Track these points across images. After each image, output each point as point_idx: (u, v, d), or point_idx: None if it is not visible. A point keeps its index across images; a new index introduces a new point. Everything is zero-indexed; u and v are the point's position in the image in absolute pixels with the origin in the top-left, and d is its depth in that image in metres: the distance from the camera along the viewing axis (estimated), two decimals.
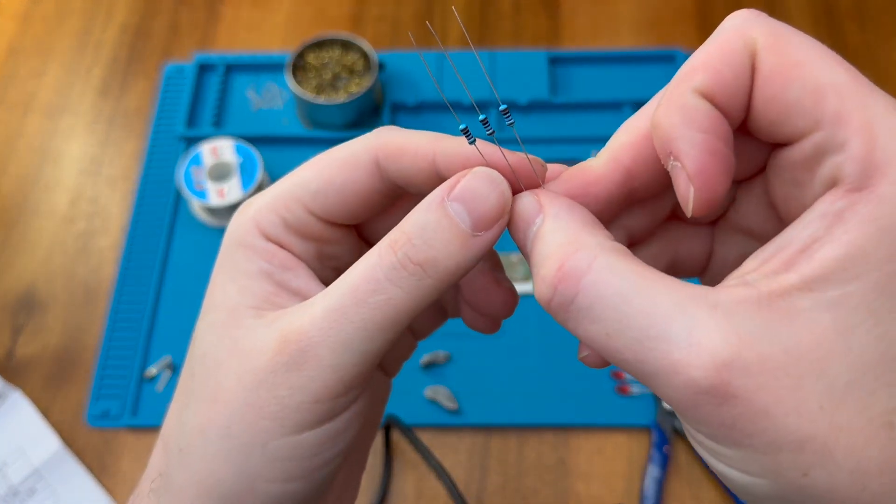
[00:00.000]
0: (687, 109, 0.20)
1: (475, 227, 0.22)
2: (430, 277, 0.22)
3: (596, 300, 0.19)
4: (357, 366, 0.22)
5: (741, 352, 0.17)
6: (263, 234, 0.25)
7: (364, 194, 0.25)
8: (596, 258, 0.20)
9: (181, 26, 0.81)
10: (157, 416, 0.60)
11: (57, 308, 0.66)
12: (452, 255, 0.22)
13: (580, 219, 0.22)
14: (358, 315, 0.22)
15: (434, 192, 0.22)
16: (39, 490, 0.58)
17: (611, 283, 0.19)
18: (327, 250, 0.27)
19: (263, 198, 0.26)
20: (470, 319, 0.28)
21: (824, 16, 0.80)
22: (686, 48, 0.77)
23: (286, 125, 0.74)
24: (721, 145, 0.20)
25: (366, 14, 0.81)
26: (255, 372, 0.22)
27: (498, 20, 0.81)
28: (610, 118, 0.73)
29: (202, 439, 0.23)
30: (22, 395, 0.61)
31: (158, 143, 0.73)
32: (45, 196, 0.71)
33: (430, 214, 0.22)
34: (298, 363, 0.22)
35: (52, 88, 0.78)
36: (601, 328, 0.19)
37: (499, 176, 0.23)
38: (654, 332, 0.18)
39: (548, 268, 0.20)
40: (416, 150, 0.24)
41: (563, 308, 0.20)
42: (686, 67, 0.21)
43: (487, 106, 0.74)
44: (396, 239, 0.22)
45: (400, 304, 0.22)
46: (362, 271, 0.22)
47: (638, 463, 0.58)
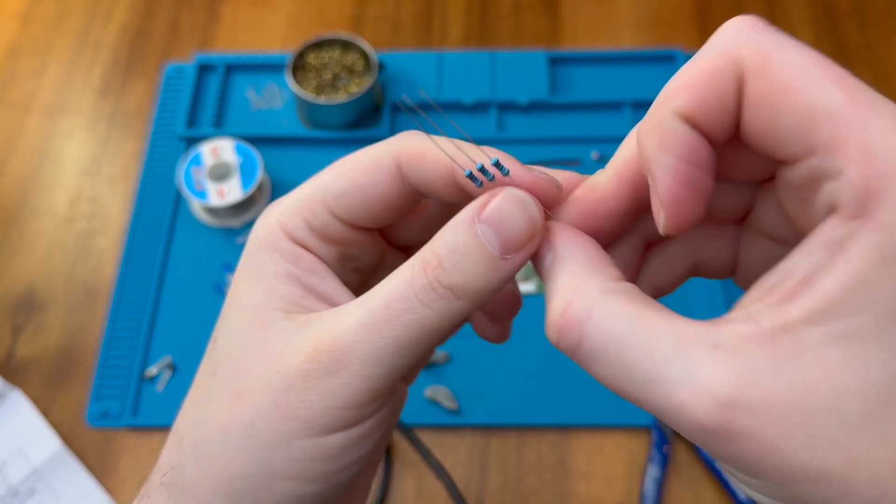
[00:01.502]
0: (664, 133, 0.20)
1: (503, 250, 0.22)
2: (459, 300, 0.22)
3: (598, 346, 0.19)
4: (386, 377, 0.23)
5: (744, 390, 0.17)
6: (289, 236, 0.26)
7: (387, 198, 0.26)
8: (595, 304, 0.20)
9: (181, 26, 0.81)
10: (157, 416, 0.60)
11: (57, 308, 0.66)
12: (481, 278, 0.22)
13: (585, 258, 0.22)
14: (390, 332, 0.22)
15: (464, 211, 0.23)
16: (39, 490, 0.58)
17: (611, 329, 0.19)
18: (349, 252, 0.27)
19: (287, 201, 0.26)
20: (480, 328, 0.29)
21: (824, 16, 0.80)
22: (686, 48, 0.77)
23: (286, 125, 0.74)
24: (696, 172, 0.20)
25: (366, 14, 0.81)
26: (284, 374, 0.23)
27: (498, 20, 0.81)
28: (610, 118, 0.73)
29: (222, 435, 0.24)
30: (22, 395, 0.61)
31: (158, 143, 0.73)
32: (44, 196, 0.71)
33: (460, 236, 0.22)
34: (330, 371, 0.23)
35: (51, 88, 0.78)
36: (607, 371, 0.19)
37: (528, 199, 0.23)
38: (657, 375, 0.18)
39: (552, 312, 0.21)
40: (436, 156, 0.25)
41: (569, 351, 0.20)
42: (670, 86, 0.21)
43: (487, 106, 0.74)
44: (428, 261, 0.23)
45: (430, 324, 0.23)
46: (395, 288, 0.23)
47: (638, 463, 0.58)
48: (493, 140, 0.72)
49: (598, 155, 0.71)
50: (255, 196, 0.68)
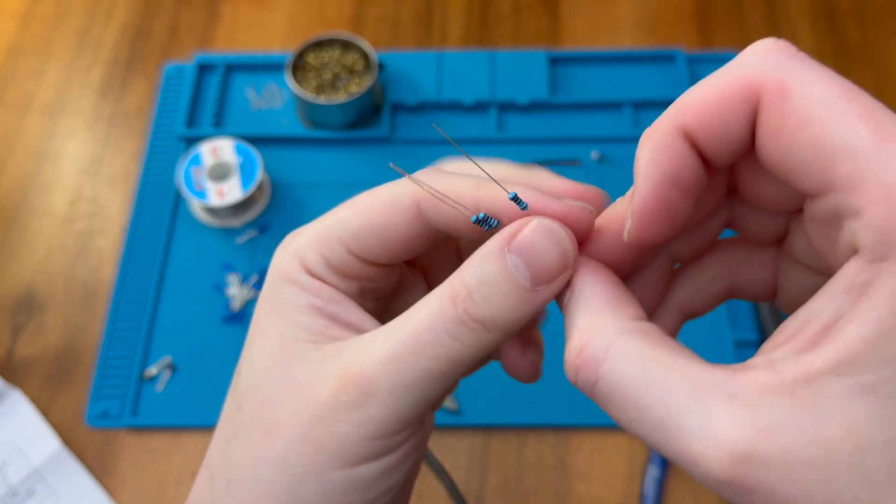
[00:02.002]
0: (659, 146, 0.20)
1: (535, 282, 0.22)
2: (489, 333, 0.22)
3: (614, 389, 0.19)
4: (415, 408, 0.23)
5: (760, 445, 0.16)
6: (307, 270, 0.25)
7: (405, 238, 0.25)
8: (612, 346, 0.19)
9: (181, 26, 0.81)
10: (157, 416, 0.60)
11: (56, 308, 0.66)
12: (512, 311, 0.22)
13: (603, 295, 0.21)
14: (418, 364, 0.22)
15: (493, 240, 0.22)
16: (39, 490, 0.58)
17: (627, 372, 0.19)
18: (370, 286, 0.27)
19: (305, 235, 0.26)
20: (510, 366, 0.28)
21: (824, 16, 0.80)
22: (686, 48, 0.77)
23: (286, 125, 0.74)
24: (674, 194, 0.20)
25: (365, 14, 0.81)
26: (314, 406, 0.23)
27: (498, 20, 0.81)
28: (610, 118, 0.73)
29: (254, 470, 0.23)
30: (21, 395, 0.61)
31: (158, 143, 0.73)
32: (44, 196, 0.71)
33: (490, 267, 0.22)
34: (360, 403, 0.22)
35: (51, 88, 0.77)
36: (622, 414, 0.19)
37: (560, 231, 0.22)
38: (672, 423, 0.18)
39: (570, 350, 0.20)
40: (458, 197, 0.24)
41: (586, 390, 0.20)
42: (681, 101, 0.20)
43: (487, 106, 0.74)
44: (457, 292, 0.22)
45: (460, 357, 0.22)
46: (424, 320, 0.22)
47: (638, 463, 0.58)
48: (493, 140, 0.72)
49: (598, 155, 0.71)
50: (255, 196, 0.68)
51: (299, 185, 0.70)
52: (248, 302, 0.65)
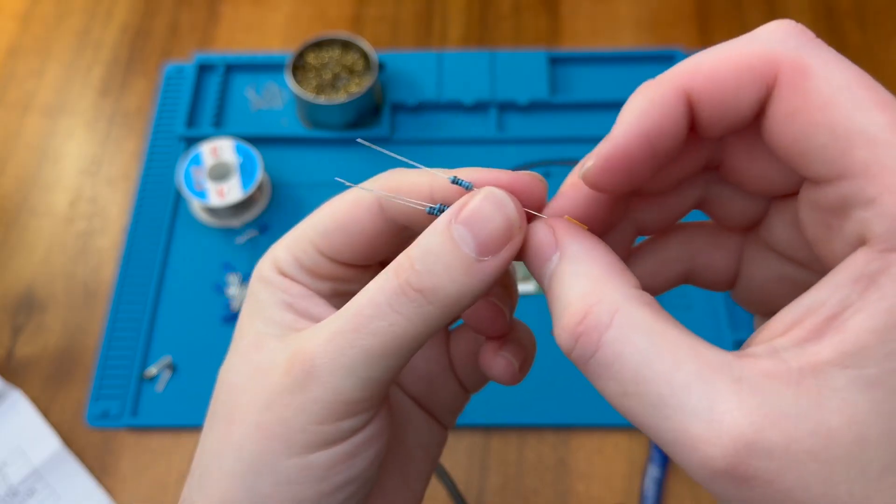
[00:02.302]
0: (655, 101, 0.19)
1: (480, 251, 0.21)
2: (431, 304, 0.21)
3: (616, 358, 0.18)
4: (359, 390, 0.22)
5: (765, 432, 0.16)
6: (280, 271, 0.26)
7: (370, 234, 0.25)
8: (618, 311, 0.18)
9: (181, 26, 0.81)
10: (157, 416, 0.60)
11: (57, 308, 0.66)
12: (455, 282, 0.21)
13: (602, 262, 0.20)
14: (358, 340, 0.22)
15: (442, 216, 0.22)
16: (39, 490, 0.58)
17: (632, 341, 0.18)
18: (344, 288, 0.27)
19: (283, 240, 0.27)
20: (485, 365, 0.27)
21: (824, 16, 0.80)
22: (686, 48, 0.77)
23: (286, 125, 0.74)
24: (645, 152, 0.20)
25: (365, 14, 0.81)
26: (266, 391, 0.23)
27: (498, 20, 0.81)
28: (610, 118, 0.73)
29: (217, 461, 0.23)
30: (22, 395, 0.61)
31: (158, 143, 0.73)
32: (44, 196, 0.71)
33: (435, 239, 0.21)
34: (302, 385, 0.22)
35: (51, 88, 0.77)
36: (619, 387, 0.18)
37: (505, 196, 0.22)
38: (673, 401, 0.17)
39: (568, 318, 0.19)
40: (412, 186, 0.24)
41: (582, 361, 0.19)
42: (692, 62, 0.20)
43: (487, 106, 0.74)
44: (401, 263, 0.22)
45: (401, 331, 0.21)
46: (366, 294, 0.22)
47: (638, 463, 0.58)
48: (493, 140, 0.72)
49: None
50: (255, 196, 0.68)
51: (299, 185, 0.70)
52: None
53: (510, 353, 0.27)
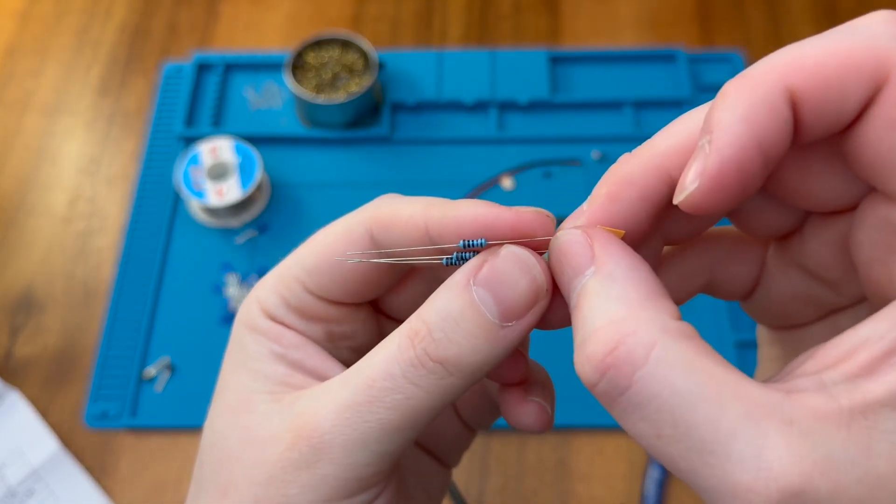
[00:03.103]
0: (759, 103, 0.17)
1: (504, 317, 0.19)
2: (452, 376, 0.20)
3: (651, 399, 0.16)
4: (373, 465, 0.20)
5: (814, 481, 0.15)
6: (267, 315, 0.24)
7: (361, 271, 0.23)
8: (656, 346, 0.16)
9: (180, 25, 0.81)
10: (156, 416, 0.60)
11: (55, 308, 0.66)
12: (477, 351, 0.19)
13: (641, 284, 0.18)
14: (373, 414, 0.20)
15: (458, 272, 0.20)
16: (38, 491, 0.58)
17: (671, 381, 0.16)
18: (338, 330, 0.25)
19: (267, 278, 0.24)
20: (511, 415, 0.24)
21: (825, 15, 0.80)
22: (687, 47, 0.77)
23: (285, 125, 0.73)
24: (757, 163, 0.17)
25: (365, 13, 0.81)
26: (266, 465, 0.21)
27: (498, 19, 0.81)
28: (611, 118, 0.73)
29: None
30: (20, 396, 0.61)
31: (157, 142, 0.73)
32: (43, 196, 0.71)
33: (453, 303, 0.20)
34: (310, 461, 0.20)
35: (50, 88, 0.77)
36: (652, 429, 0.16)
37: (530, 257, 0.20)
38: (717, 447, 0.15)
39: (595, 346, 0.17)
40: (408, 218, 0.22)
41: (609, 398, 0.17)
42: (791, 58, 0.17)
43: (487, 105, 0.74)
44: (417, 330, 0.20)
45: (419, 405, 0.20)
46: (380, 364, 0.20)
47: (638, 464, 0.58)
48: (493, 140, 0.72)
49: (598, 154, 0.71)
50: (254, 196, 0.68)
51: (299, 185, 0.70)
52: None
53: (540, 397, 0.24)
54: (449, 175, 0.70)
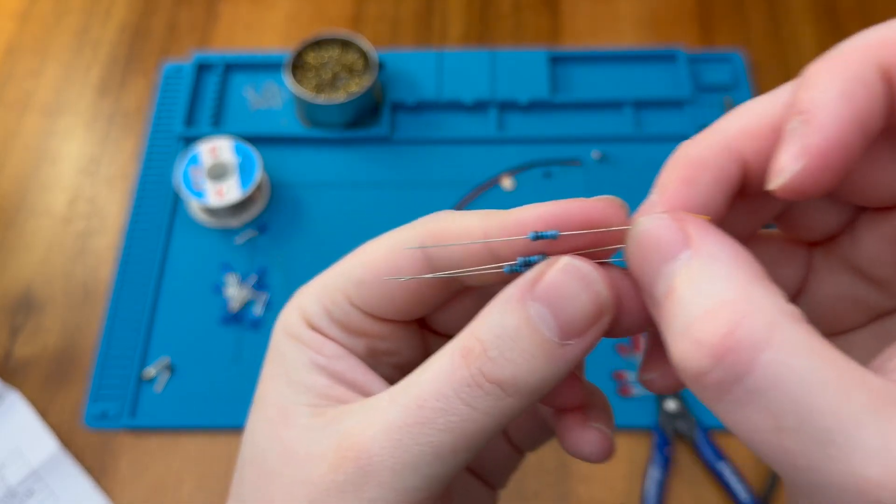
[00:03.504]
0: (855, 79, 0.16)
1: (563, 335, 0.18)
2: (510, 397, 0.18)
3: (773, 386, 0.15)
4: (424, 490, 0.19)
5: None
6: (309, 324, 0.23)
7: (411, 288, 0.22)
8: (777, 328, 0.15)
9: (180, 25, 0.81)
10: (156, 417, 0.60)
11: (55, 309, 0.65)
12: (536, 371, 0.18)
13: (749, 266, 0.16)
14: (425, 437, 0.19)
15: (512, 286, 0.19)
16: (37, 491, 0.58)
17: (794, 365, 0.15)
18: (381, 346, 0.24)
19: (311, 286, 0.23)
20: (570, 442, 0.22)
21: (826, 15, 0.79)
22: (687, 47, 0.77)
23: (285, 124, 0.73)
24: (857, 142, 0.16)
25: (365, 13, 0.81)
26: (308, 486, 0.20)
27: (498, 18, 0.81)
28: (611, 117, 0.73)
29: None
30: (20, 396, 0.61)
31: (157, 142, 0.73)
32: (42, 196, 0.71)
33: (508, 318, 0.18)
34: (357, 484, 0.19)
35: (50, 87, 0.77)
36: (770, 421, 0.15)
37: (590, 270, 0.18)
38: (842, 438, 0.14)
39: (707, 329, 0.15)
40: (464, 228, 0.20)
41: (722, 387, 0.15)
42: (880, 34, 0.17)
43: (487, 105, 0.73)
44: (470, 349, 0.19)
45: (474, 427, 0.19)
46: (430, 383, 0.19)
47: (639, 465, 0.58)
48: (493, 140, 0.72)
49: (598, 154, 0.71)
50: (254, 196, 0.68)
51: (298, 185, 0.70)
52: (246, 302, 0.64)
53: (601, 423, 0.22)
54: (449, 175, 0.70)
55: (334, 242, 0.67)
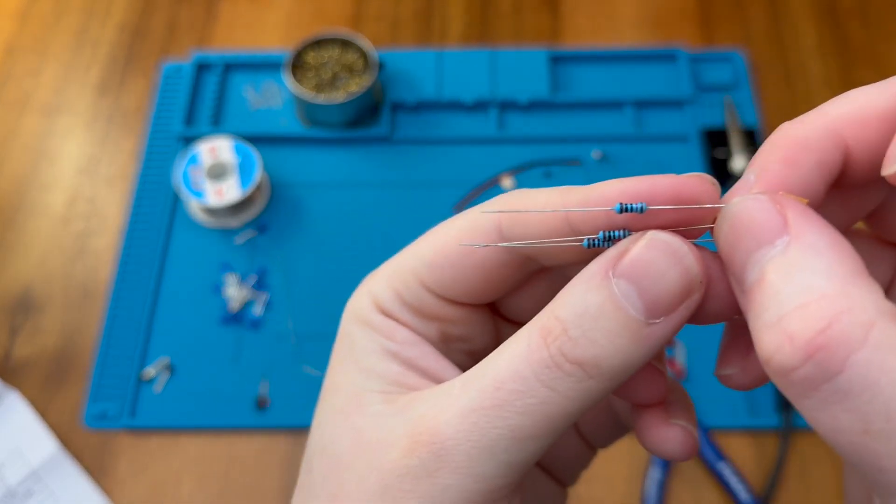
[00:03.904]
0: None
1: (649, 313, 0.17)
2: (592, 379, 0.18)
3: (867, 387, 0.14)
4: (501, 477, 0.18)
5: None
6: (381, 309, 0.22)
7: (486, 268, 0.21)
8: (874, 328, 0.14)
9: (179, 25, 0.81)
10: (155, 417, 0.60)
11: (54, 309, 0.65)
12: (620, 352, 0.17)
13: (850, 260, 0.16)
14: (502, 420, 0.18)
15: (595, 262, 0.18)
16: (37, 492, 0.58)
17: (891, 367, 0.14)
18: (453, 331, 0.23)
19: (382, 270, 0.23)
20: (651, 439, 0.21)
21: (826, 14, 0.79)
22: (688, 46, 0.77)
23: (285, 124, 0.73)
24: None
25: (365, 13, 0.81)
26: (381, 473, 0.19)
27: (498, 18, 0.81)
28: (611, 117, 0.73)
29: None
30: (19, 397, 0.61)
31: (156, 142, 0.73)
32: (41, 196, 0.71)
33: (591, 296, 0.18)
34: (431, 470, 0.19)
35: (49, 87, 0.77)
36: (860, 423, 0.14)
37: (681, 245, 0.18)
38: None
39: (801, 324, 0.15)
40: (544, 205, 0.20)
41: (811, 384, 0.15)
42: None
43: (487, 105, 0.73)
44: (550, 329, 0.18)
45: (555, 410, 0.18)
46: (508, 365, 0.18)
47: (639, 465, 0.58)
48: (494, 139, 0.72)
49: (599, 154, 0.70)
50: (254, 196, 0.68)
51: (298, 185, 0.70)
52: (246, 302, 0.64)
53: (683, 420, 0.21)
54: (449, 175, 0.70)
55: (334, 242, 0.67)
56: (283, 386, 0.61)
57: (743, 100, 0.73)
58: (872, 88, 0.18)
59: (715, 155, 0.70)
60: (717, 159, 0.70)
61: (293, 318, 0.63)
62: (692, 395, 0.23)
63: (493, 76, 0.75)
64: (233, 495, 0.57)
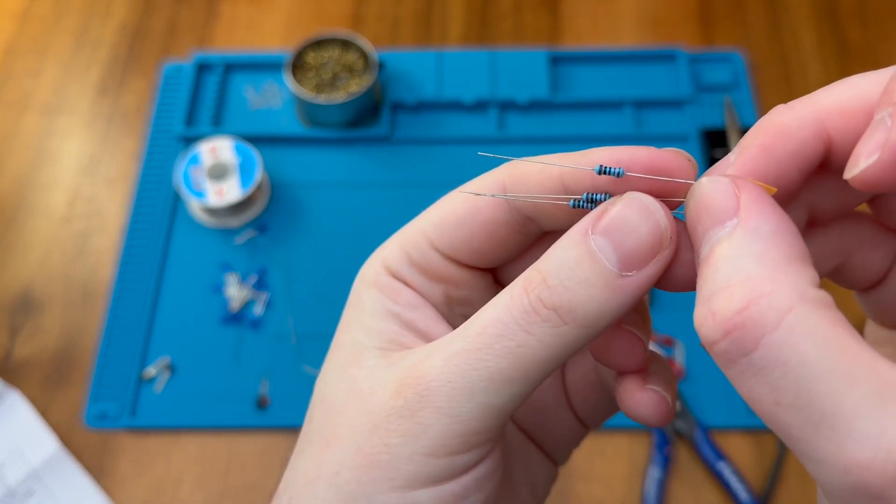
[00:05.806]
0: None
1: (622, 265, 0.19)
2: (567, 325, 0.19)
3: (777, 365, 0.15)
4: (479, 420, 0.20)
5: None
6: (389, 271, 0.24)
7: (491, 227, 0.22)
8: (791, 312, 0.16)
9: (180, 25, 0.81)
10: (156, 417, 0.60)
11: (55, 309, 0.65)
12: (594, 299, 0.19)
13: (785, 245, 0.17)
14: (482, 362, 0.19)
15: (578, 223, 0.19)
16: (37, 491, 0.58)
17: (801, 350, 0.15)
18: (457, 294, 0.24)
19: (395, 236, 0.24)
20: (628, 403, 0.22)
21: (826, 15, 0.79)
22: (687, 47, 0.77)
23: (285, 125, 0.73)
24: None
25: (365, 13, 0.81)
26: (370, 415, 0.21)
27: (498, 18, 0.81)
28: (611, 117, 0.73)
29: (311, 487, 0.21)
30: (20, 396, 0.61)
31: (157, 142, 0.73)
32: (42, 196, 0.71)
33: (570, 252, 0.19)
34: (414, 409, 0.20)
35: (49, 87, 0.77)
36: (772, 395, 0.16)
37: (652, 202, 0.19)
38: (838, 422, 0.15)
39: (723, 303, 0.16)
40: (542, 169, 0.21)
41: (728, 358, 0.16)
42: None
43: (487, 105, 0.73)
44: (531, 278, 0.19)
45: (531, 354, 0.19)
46: (491, 313, 0.20)
47: (639, 464, 0.58)
48: (494, 139, 0.72)
49: None
50: (254, 196, 0.68)
51: (299, 185, 0.70)
52: (246, 302, 0.64)
53: (660, 387, 0.22)
54: (449, 175, 0.70)
55: (334, 242, 0.67)
56: (283, 385, 0.61)
57: (742, 100, 0.73)
58: (865, 78, 0.19)
59: (714, 155, 0.70)
60: (717, 159, 0.70)
61: (293, 317, 0.64)
62: (692, 394, 0.23)
63: (493, 76, 0.75)
64: (233, 495, 0.58)
